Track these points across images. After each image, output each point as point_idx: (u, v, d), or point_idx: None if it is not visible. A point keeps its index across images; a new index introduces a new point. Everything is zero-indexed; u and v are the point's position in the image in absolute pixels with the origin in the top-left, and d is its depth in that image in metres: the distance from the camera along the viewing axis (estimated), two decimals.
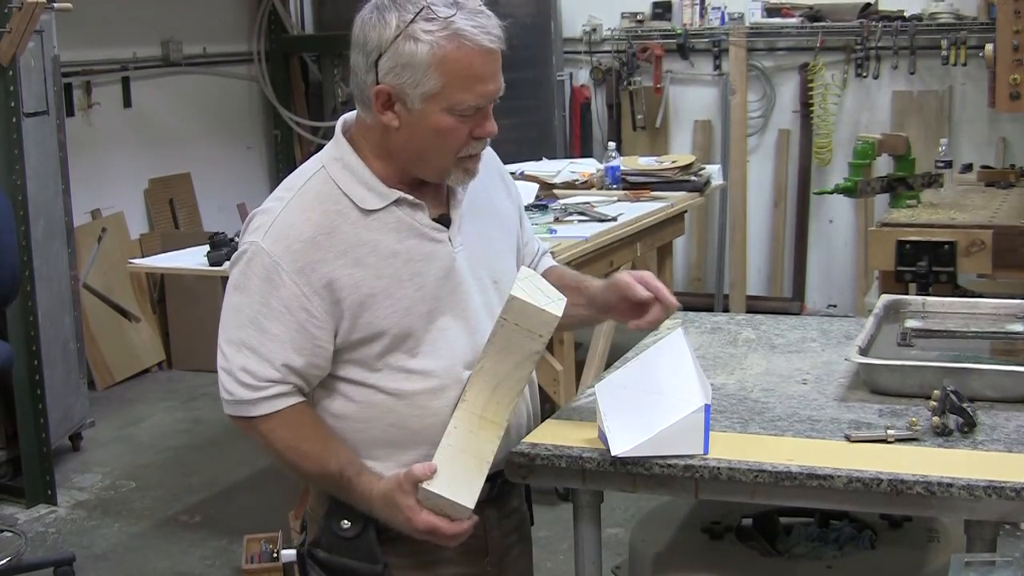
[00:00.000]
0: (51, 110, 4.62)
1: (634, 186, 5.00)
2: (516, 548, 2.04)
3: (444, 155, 1.81)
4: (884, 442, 1.86)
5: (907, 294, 3.47)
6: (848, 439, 1.88)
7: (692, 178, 5.09)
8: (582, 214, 4.46)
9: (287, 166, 6.70)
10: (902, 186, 4.18)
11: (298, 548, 1.97)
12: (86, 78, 5.83)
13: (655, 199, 4.84)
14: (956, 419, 1.89)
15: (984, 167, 4.97)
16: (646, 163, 5.27)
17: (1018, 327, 2.45)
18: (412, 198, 1.84)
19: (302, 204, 1.81)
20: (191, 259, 4.11)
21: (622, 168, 5.12)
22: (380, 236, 1.81)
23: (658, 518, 2.31)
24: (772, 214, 6.72)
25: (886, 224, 3.91)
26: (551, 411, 2.12)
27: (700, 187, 5.07)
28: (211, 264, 3.94)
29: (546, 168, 5.30)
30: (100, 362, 5.74)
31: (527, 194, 4.59)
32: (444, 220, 1.88)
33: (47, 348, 4.42)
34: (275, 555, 3.60)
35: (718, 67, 6.62)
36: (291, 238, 1.78)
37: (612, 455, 1.82)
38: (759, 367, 2.30)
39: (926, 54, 6.12)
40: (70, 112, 5.58)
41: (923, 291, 3.66)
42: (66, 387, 4.71)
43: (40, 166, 4.47)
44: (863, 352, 2.18)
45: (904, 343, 2.36)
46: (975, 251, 3.71)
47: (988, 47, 4.04)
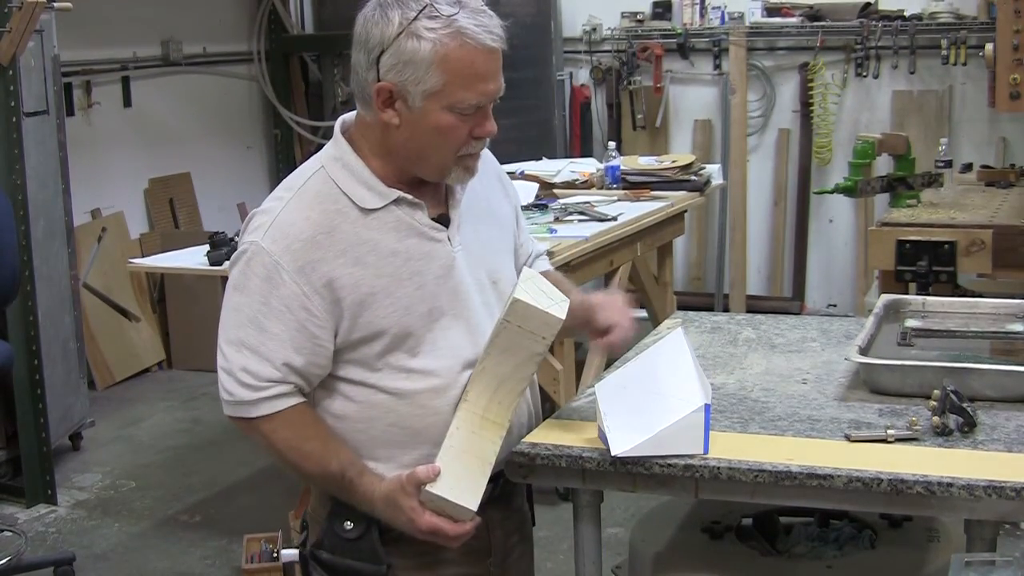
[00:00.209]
0: (51, 110, 4.62)
1: (634, 186, 5.00)
2: (518, 549, 2.04)
3: (444, 154, 1.81)
4: (884, 442, 1.86)
5: (907, 294, 3.47)
6: (848, 439, 1.88)
7: (692, 178, 5.09)
8: (582, 214, 4.45)
9: (287, 166, 6.69)
10: (902, 186, 4.18)
11: (300, 549, 1.97)
12: (86, 78, 5.82)
13: (655, 199, 4.83)
14: (956, 419, 1.89)
15: (984, 167, 4.97)
16: (646, 163, 5.27)
17: (1018, 327, 2.45)
18: (411, 197, 1.84)
19: (302, 203, 1.81)
20: (191, 259, 4.11)
21: (622, 168, 5.11)
22: (380, 235, 1.81)
23: (658, 518, 2.31)
24: (772, 214, 6.72)
25: (886, 224, 3.91)
26: (551, 411, 2.12)
27: (700, 187, 5.07)
28: (211, 264, 3.94)
29: (546, 168, 5.30)
30: (100, 362, 5.74)
31: (527, 194, 4.59)
32: (443, 220, 1.88)
33: (47, 348, 4.42)
34: (275, 555, 3.60)
35: (718, 67, 6.62)
36: (291, 237, 1.78)
37: (612, 455, 1.82)
38: (759, 367, 2.30)
39: (926, 54, 6.12)
40: (70, 112, 5.58)
41: (923, 291, 3.66)
42: (66, 387, 4.71)
43: (40, 166, 4.47)
44: (863, 352, 2.18)
45: (904, 343, 2.36)
46: (975, 251, 3.71)
47: (988, 47, 4.04)
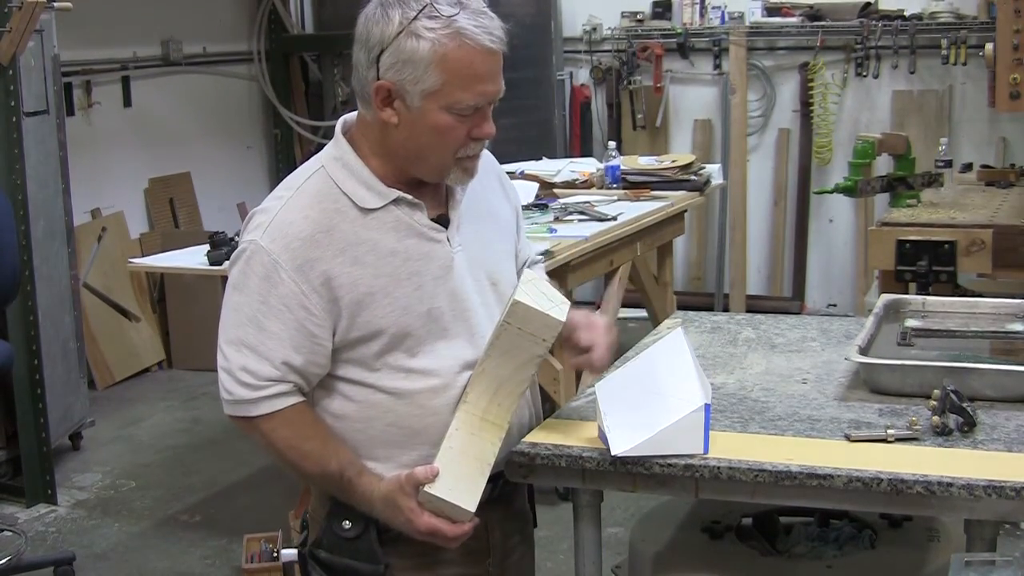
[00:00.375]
0: (51, 109, 4.61)
1: (634, 185, 5.00)
2: (518, 550, 2.04)
3: (442, 154, 1.81)
4: (884, 442, 1.86)
5: (907, 294, 3.47)
6: (848, 439, 1.88)
7: (692, 177, 5.09)
8: (582, 213, 4.45)
9: (287, 166, 6.70)
10: (902, 185, 4.18)
11: (299, 548, 1.97)
12: (86, 77, 5.82)
13: (655, 198, 4.84)
14: (956, 419, 1.89)
15: (984, 167, 4.97)
16: (646, 162, 5.27)
17: (1018, 327, 2.45)
18: (411, 198, 1.84)
19: (301, 203, 1.81)
20: (191, 258, 4.11)
21: (622, 167, 5.11)
22: (379, 235, 1.81)
23: (658, 518, 2.30)
24: (772, 213, 6.72)
25: (886, 223, 3.90)
26: (551, 411, 2.12)
27: (700, 186, 5.07)
28: (211, 263, 3.94)
29: (546, 167, 5.30)
30: (100, 361, 5.74)
31: (527, 194, 4.59)
32: (443, 220, 1.88)
33: (47, 348, 4.42)
34: (275, 555, 3.59)
35: (718, 66, 6.62)
36: (290, 236, 1.78)
37: (612, 455, 1.82)
38: (759, 367, 2.30)
39: (926, 53, 6.12)
40: (70, 111, 5.58)
41: (923, 291, 3.65)
42: (66, 386, 4.71)
43: (40, 165, 4.47)
44: (863, 351, 2.18)
45: (904, 343, 2.36)
46: (975, 250, 3.70)
47: (988, 46, 4.04)
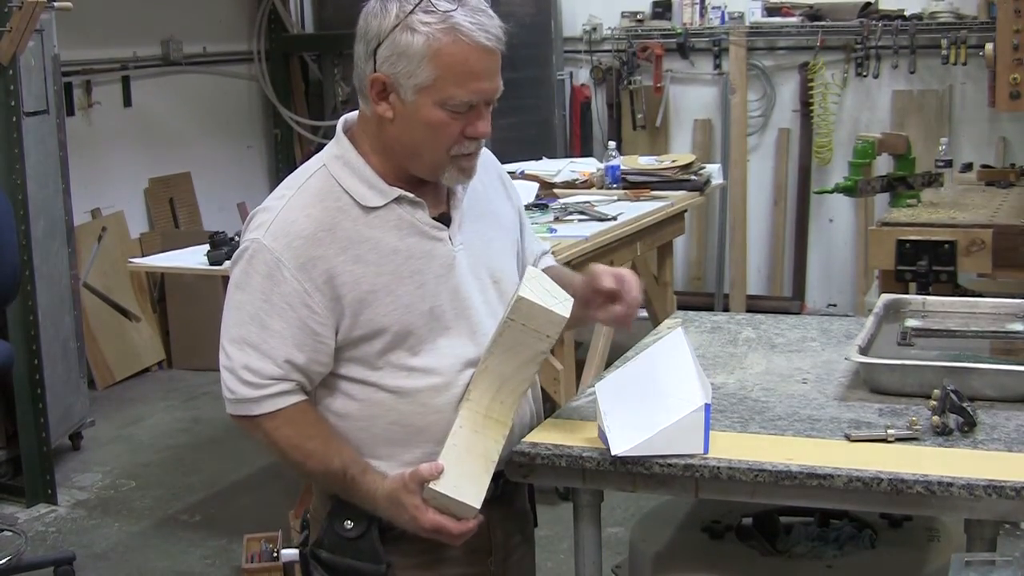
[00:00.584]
0: (51, 109, 4.62)
1: (634, 185, 5.00)
2: (519, 549, 2.04)
3: (435, 151, 1.81)
4: (884, 441, 1.86)
5: (907, 293, 3.47)
6: (848, 438, 1.88)
7: (692, 177, 5.09)
8: (582, 213, 4.45)
9: (287, 165, 6.70)
10: (902, 185, 4.18)
11: (301, 548, 1.97)
12: (86, 77, 5.82)
13: (655, 198, 4.84)
14: (956, 418, 1.89)
15: (984, 166, 4.97)
16: (646, 162, 5.27)
17: (1018, 327, 2.45)
18: (412, 196, 1.84)
19: (303, 201, 1.82)
20: (191, 258, 4.11)
21: (622, 167, 5.11)
22: (381, 233, 1.82)
23: (658, 518, 2.30)
24: (772, 213, 6.72)
25: (886, 223, 3.90)
26: (551, 411, 2.12)
27: (700, 186, 5.07)
28: (211, 263, 3.94)
29: (546, 167, 5.30)
30: (100, 361, 5.74)
31: (527, 193, 4.59)
32: (444, 219, 1.88)
33: (47, 347, 4.42)
34: (275, 554, 3.59)
35: (718, 66, 6.62)
36: (292, 234, 1.78)
37: (612, 454, 1.82)
38: (759, 366, 2.30)
39: (926, 53, 6.12)
40: (70, 111, 5.58)
41: (923, 290, 3.65)
42: (66, 386, 4.71)
43: (40, 165, 4.47)
44: (863, 351, 2.18)
45: (904, 342, 2.36)
46: (975, 250, 3.70)
47: (988, 46, 4.04)
